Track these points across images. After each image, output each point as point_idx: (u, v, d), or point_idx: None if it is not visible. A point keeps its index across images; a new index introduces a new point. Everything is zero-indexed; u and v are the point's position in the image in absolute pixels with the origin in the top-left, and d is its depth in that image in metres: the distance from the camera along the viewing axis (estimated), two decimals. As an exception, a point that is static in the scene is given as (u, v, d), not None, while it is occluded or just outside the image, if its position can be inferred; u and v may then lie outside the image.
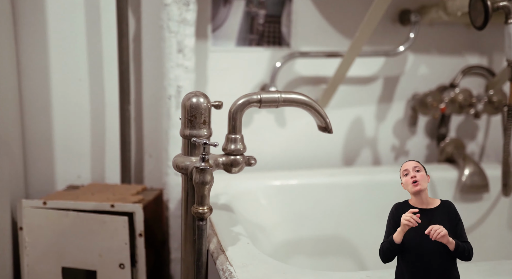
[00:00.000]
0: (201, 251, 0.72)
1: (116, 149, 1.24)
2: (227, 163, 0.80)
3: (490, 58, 1.47)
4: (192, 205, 0.80)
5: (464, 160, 1.37)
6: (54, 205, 1.00)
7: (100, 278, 0.99)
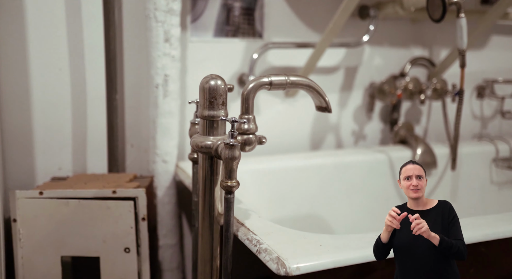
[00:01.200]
0: (229, 222, 0.78)
1: (99, 139, 1.24)
2: (242, 142, 0.85)
3: (430, 50, 1.66)
4: (209, 183, 0.85)
5: (416, 140, 1.54)
6: (52, 195, 0.99)
7: (103, 263, 1.00)
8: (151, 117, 1.19)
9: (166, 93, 1.17)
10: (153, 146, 1.20)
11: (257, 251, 0.76)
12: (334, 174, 1.41)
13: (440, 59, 1.66)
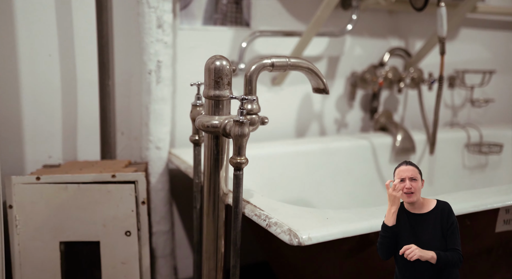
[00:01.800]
0: (239, 198, 0.80)
1: (91, 126, 1.23)
2: (246, 122, 0.88)
3: (406, 41, 1.74)
4: (215, 162, 0.87)
5: (396, 127, 1.61)
6: (49, 180, 0.98)
7: (104, 247, 1.00)
8: (144, 104, 1.19)
9: (159, 79, 1.17)
10: (146, 132, 1.20)
11: (267, 225, 0.78)
12: (321, 160, 1.45)
13: (415, 50, 1.74)
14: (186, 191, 1.38)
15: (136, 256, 1.00)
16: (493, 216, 1.05)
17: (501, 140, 1.78)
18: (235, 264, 0.81)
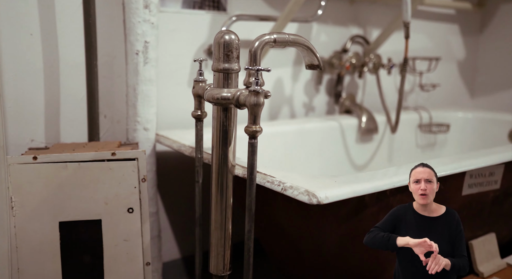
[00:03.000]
0: (254, 165, 0.84)
1: (74, 109, 1.20)
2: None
3: (365, 30, 1.86)
4: (224, 133, 0.90)
5: (360, 109, 1.72)
6: (47, 159, 0.95)
7: (105, 225, 0.99)
8: (131, 85, 1.19)
9: (146, 60, 1.18)
10: (133, 113, 1.20)
11: (283, 189, 0.84)
12: (297, 140, 1.52)
13: (373, 37, 1.86)
14: (171, 173, 1.39)
15: (139, 233, 1.01)
16: (460, 181, 1.18)
17: (448, 120, 1.96)
18: (249, 228, 0.86)
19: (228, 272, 0.96)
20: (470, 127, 1.96)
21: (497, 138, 1.88)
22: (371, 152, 1.76)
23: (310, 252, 1.09)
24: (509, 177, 1.33)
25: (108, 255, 1.00)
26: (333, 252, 1.06)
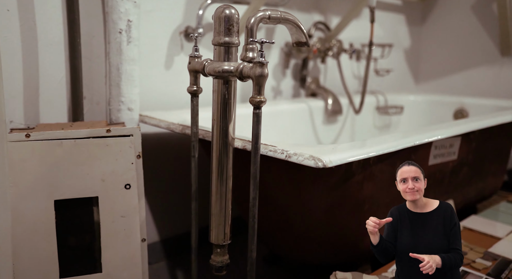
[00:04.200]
0: (258, 135, 0.88)
1: (54, 89, 1.17)
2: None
3: (325, 16, 1.95)
4: (225, 106, 0.93)
5: (326, 92, 1.80)
6: (41, 137, 0.93)
7: (102, 202, 0.98)
8: (114, 64, 1.18)
9: (130, 39, 1.17)
10: (117, 93, 1.19)
11: (287, 156, 0.88)
12: (269, 121, 1.57)
13: (333, 25, 1.95)
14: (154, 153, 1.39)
15: (136, 209, 1.01)
16: (427, 151, 1.29)
17: (401, 103, 2.10)
18: (254, 196, 0.90)
19: (228, 241, 1.00)
20: (420, 109, 2.12)
21: (444, 118, 2.05)
22: (336, 132, 1.85)
23: (299, 221, 1.15)
24: (464, 149, 1.47)
25: (105, 232, 0.99)
26: (321, 220, 1.12)
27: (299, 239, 1.19)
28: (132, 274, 1.02)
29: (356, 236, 1.19)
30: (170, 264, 1.54)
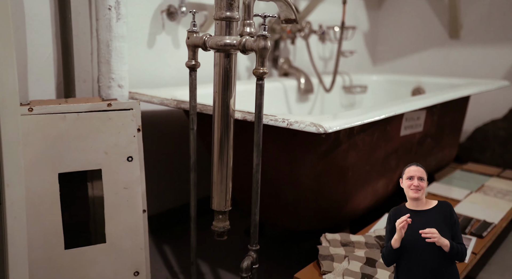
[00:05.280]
0: (261, 105, 0.93)
1: (42, 66, 1.16)
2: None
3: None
4: (226, 79, 0.98)
5: (298, 72, 1.88)
6: (44, 111, 0.94)
7: (106, 175, 1.00)
8: (104, 41, 1.19)
9: (119, 16, 1.18)
10: (107, 70, 1.20)
11: (289, 124, 0.95)
12: (247, 100, 1.63)
13: (301, 7, 2.03)
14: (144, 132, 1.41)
15: (138, 181, 1.04)
16: (399, 123, 1.40)
17: (365, 82, 2.23)
18: (258, 162, 0.96)
19: (229, 208, 1.05)
20: (381, 88, 2.25)
21: (403, 96, 2.20)
22: (308, 110, 1.94)
23: (289, 190, 1.22)
24: (428, 122, 1.60)
25: (108, 203, 1.02)
26: (309, 188, 1.20)
27: (288, 207, 1.27)
28: (135, 244, 1.05)
29: (340, 202, 1.28)
30: (170, 234, 1.59)
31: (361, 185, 1.31)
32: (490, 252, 1.50)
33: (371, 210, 1.51)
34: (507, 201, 1.58)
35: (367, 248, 1.13)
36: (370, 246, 1.14)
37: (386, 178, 1.45)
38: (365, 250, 1.11)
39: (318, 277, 1.03)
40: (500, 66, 2.30)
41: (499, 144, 2.32)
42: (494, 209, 1.49)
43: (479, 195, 1.63)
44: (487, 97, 2.34)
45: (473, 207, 1.50)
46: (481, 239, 1.28)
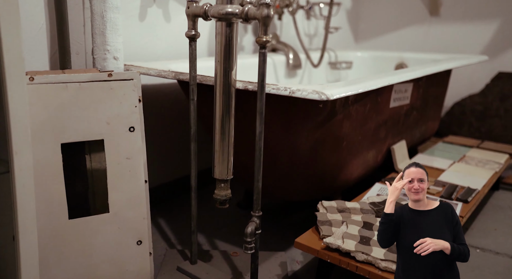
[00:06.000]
0: (264, 73, 0.95)
1: (35, 37, 1.13)
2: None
3: (280, -25, 2.01)
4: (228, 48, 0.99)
5: (286, 47, 1.89)
6: (45, 80, 0.92)
7: (108, 145, 1.01)
8: (98, 12, 1.17)
9: (113, -14, 1.16)
10: (102, 42, 1.19)
11: (291, 92, 0.97)
12: (239, 74, 1.64)
13: (287, -18, 2.02)
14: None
15: (140, 151, 1.05)
16: (389, 95, 1.44)
17: (350, 58, 2.26)
18: (261, 130, 0.98)
19: (231, 176, 1.07)
20: (366, 64, 2.29)
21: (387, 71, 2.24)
22: (297, 81, 1.96)
23: (286, 160, 1.25)
24: (415, 94, 1.65)
25: (111, 173, 1.02)
26: (305, 158, 1.23)
27: (284, 177, 1.30)
28: (138, 213, 1.06)
29: (334, 172, 1.32)
30: (170, 205, 1.61)
31: (353, 155, 1.35)
32: (472, 217, 1.58)
33: (361, 180, 1.56)
34: (488, 169, 1.66)
35: (362, 214, 1.17)
36: (366, 212, 1.18)
37: (376, 149, 1.50)
38: (362, 215, 1.15)
39: (318, 241, 1.07)
40: (478, 42, 2.36)
41: (476, 118, 2.41)
42: (476, 177, 1.56)
43: (461, 165, 1.70)
44: (465, 73, 2.41)
45: (457, 175, 1.57)
46: (466, 204, 1.34)
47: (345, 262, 0.99)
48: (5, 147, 0.81)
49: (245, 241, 1.00)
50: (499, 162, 1.75)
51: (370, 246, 1.00)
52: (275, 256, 1.27)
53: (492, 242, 1.41)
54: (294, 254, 1.30)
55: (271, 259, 1.26)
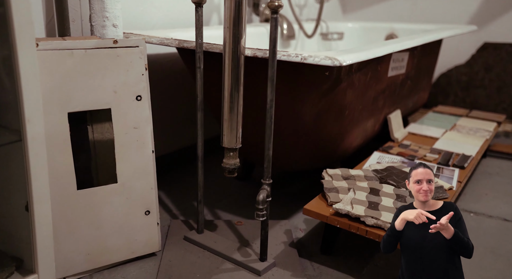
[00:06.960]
0: (276, 39, 0.93)
1: (34, 2, 1.09)
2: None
3: None
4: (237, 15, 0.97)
5: (281, 17, 1.87)
6: (50, 46, 0.89)
7: (115, 114, 0.98)
8: (96, -23, 1.12)
9: (111, -51, 1.11)
10: (100, 8, 1.14)
11: (302, 59, 0.96)
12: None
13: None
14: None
15: (147, 120, 1.03)
16: (387, 63, 1.45)
17: (341, 29, 2.25)
18: (272, 98, 0.97)
19: (239, 145, 1.07)
20: (356, 35, 2.28)
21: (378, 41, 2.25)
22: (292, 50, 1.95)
23: (290, 130, 1.25)
24: (410, 64, 1.66)
25: (119, 143, 1.00)
26: (310, 127, 1.24)
27: (288, 147, 1.30)
28: (145, 183, 1.05)
29: (336, 141, 1.33)
30: (170, 176, 1.61)
31: (355, 124, 1.36)
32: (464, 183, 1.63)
33: (360, 149, 1.57)
34: (479, 137, 1.70)
35: (367, 180, 1.19)
36: (370, 179, 1.20)
37: (374, 118, 1.51)
38: (367, 182, 1.17)
39: (326, 207, 1.09)
40: (464, 13, 2.38)
41: (461, 88, 2.46)
42: (469, 144, 1.60)
43: (453, 133, 1.74)
44: (451, 44, 2.44)
45: (451, 143, 1.60)
46: (463, 169, 1.38)
47: (354, 226, 1.01)
48: (14, 116, 0.78)
49: (256, 208, 1.01)
50: (488, 130, 1.79)
51: (379, 211, 1.02)
52: (279, 224, 1.29)
53: (484, 206, 1.46)
54: (297, 222, 1.31)
55: (276, 227, 1.27)
